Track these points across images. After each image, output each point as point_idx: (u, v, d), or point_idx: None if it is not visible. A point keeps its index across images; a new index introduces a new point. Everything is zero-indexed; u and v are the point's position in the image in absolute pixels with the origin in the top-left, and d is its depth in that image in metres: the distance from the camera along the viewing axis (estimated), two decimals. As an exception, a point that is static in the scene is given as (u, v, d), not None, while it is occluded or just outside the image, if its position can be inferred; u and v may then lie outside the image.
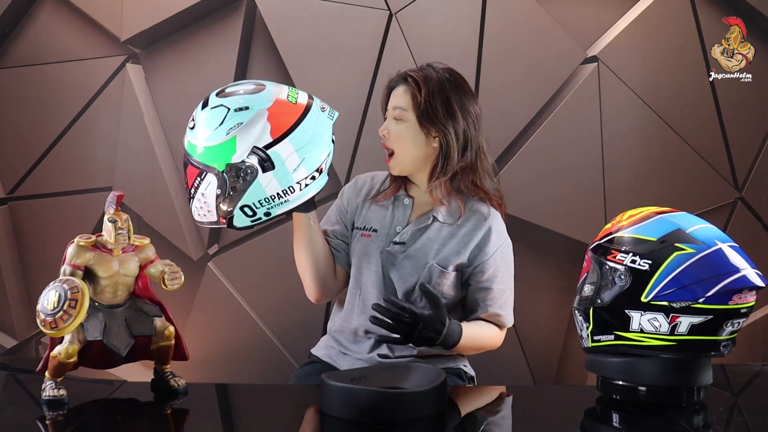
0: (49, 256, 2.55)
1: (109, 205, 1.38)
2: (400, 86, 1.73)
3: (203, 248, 2.66)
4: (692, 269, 1.33)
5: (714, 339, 1.34)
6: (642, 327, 1.36)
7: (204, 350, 2.61)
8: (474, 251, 1.72)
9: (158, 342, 1.42)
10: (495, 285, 1.73)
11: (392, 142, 1.72)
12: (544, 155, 2.64)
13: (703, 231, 1.38)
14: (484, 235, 1.72)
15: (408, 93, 1.71)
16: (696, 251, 1.34)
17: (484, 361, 1.91)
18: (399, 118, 1.71)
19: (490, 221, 1.73)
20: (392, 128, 1.71)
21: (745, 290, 1.32)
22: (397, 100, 1.72)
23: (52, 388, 1.36)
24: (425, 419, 1.29)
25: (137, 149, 2.63)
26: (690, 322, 1.33)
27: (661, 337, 1.35)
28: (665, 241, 1.36)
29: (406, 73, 1.73)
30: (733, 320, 1.33)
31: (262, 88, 1.52)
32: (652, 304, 1.34)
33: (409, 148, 1.71)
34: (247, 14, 2.60)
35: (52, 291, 1.31)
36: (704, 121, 2.70)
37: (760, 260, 2.73)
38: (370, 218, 1.78)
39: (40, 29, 2.61)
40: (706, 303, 1.31)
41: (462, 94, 1.72)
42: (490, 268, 1.72)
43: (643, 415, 1.36)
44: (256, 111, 1.47)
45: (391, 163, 1.73)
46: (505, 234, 1.77)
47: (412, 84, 1.70)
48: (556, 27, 2.62)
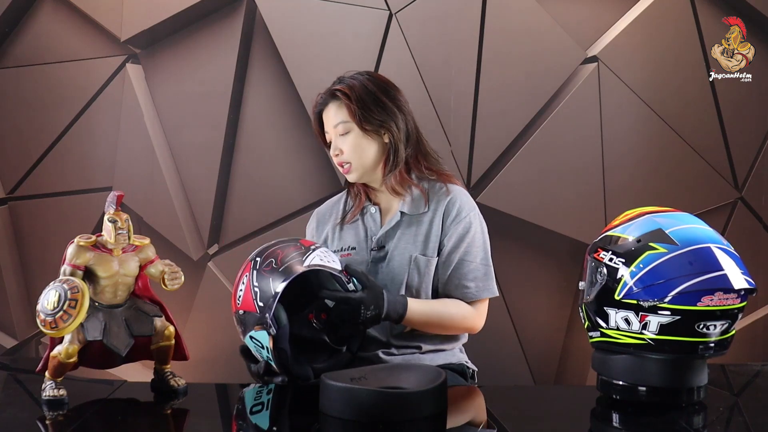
0: (49, 256, 2.55)
1: (109, 205, 1.38)
2: (331, 104, 1.74)
3: (203, 248, 2.66)
4: (659, 269, 1.33)
5: (692, 340, 1.33)
6: (618, 324, 1.38)
7: (204, 350, 2.61)
8: (442, 227, 1.74)
9: (158, 342, 1.42)
10: (456, 256, 1.72)
11: (348, 156, 1.73)
12: (544, 155, 2.64)
13: (685, 231, 1.37)
14: (446, 209, 1.74)
15: (342, 106, 1.73)
16: (667, 251, 1.34)
17: (484, 360, 1.91)
18: (343, 132, 1.73)
19: (451, 195, 1.76)
20: (342, 144, 1.73)
21: (718, 292, 1.31)
22: (334, 117, 1.74)
23: (52, 388, 1.36)
24: (425, 419, 1.29)
25: (137, 149, 2.63)
26: (659, 322, 1.33)
27: (633, 335, 1.36)
28: (641, 240, 1.37)
29: (330, 90, 1.75)
30: (707, 322, 1.32)
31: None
32: (623, 302, 1.36)
33: (366, 153, 1.74)
34: (247, 14, 2.60)
35: (52, 291, 1.31)
36: (704, 121, 2.70)
37: (759, 260, 2.75)
38: (345, 239, 1.80)
39: (40, 29, 2.61)
40: (671, 303, 1.31)
41: (388, 88, 1.75)
42: (452, 239, 1.72)
43: (643, 415, 1.36)
44: None
45: (351, 171, 1.75)
46: (469, 206, 1.76)
47: (342, 96, 1.72)
48: (556, 27, 2.62)
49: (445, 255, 1.73)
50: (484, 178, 2.63)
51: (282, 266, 1.50)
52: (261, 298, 1.49)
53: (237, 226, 2.66)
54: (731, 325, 1.35)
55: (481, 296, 1.74)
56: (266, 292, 1.48)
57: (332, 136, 1.75)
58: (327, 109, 1.75)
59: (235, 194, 2.64)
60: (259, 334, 1.48)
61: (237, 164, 2.64)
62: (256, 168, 2.64)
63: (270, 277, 1.49)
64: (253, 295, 1.49)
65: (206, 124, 2.62)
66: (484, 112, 2.65)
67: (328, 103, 1.75)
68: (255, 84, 2.62)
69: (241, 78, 2.61)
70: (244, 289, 1.52)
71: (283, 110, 2.63)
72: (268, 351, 1.48)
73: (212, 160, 2.63)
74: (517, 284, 2.67)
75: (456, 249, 1.72)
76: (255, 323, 1.48)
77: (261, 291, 1.49)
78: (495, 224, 1.86)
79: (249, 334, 1.50)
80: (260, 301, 1.48)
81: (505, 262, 2.63)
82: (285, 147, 2.62)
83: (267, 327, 1.46)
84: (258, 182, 2.63)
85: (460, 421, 1.39)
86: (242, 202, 2.66)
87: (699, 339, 1.33)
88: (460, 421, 1.39)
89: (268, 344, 1.47)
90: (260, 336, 1.48)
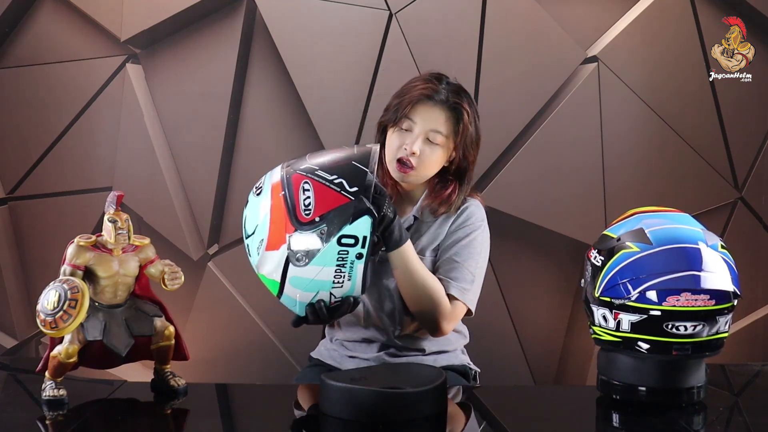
0: (49, 256, 2.55)
1: (109, 205, 1.38)
2: (441, 108, 1.68)
3: (203, 248, 2.66)
4: (628, 267, 1.35)
5: (665, 341, 1.32)
6: (599, 322, 1.40)
7: (204, 350, 2.61)
8: (447, 231, 1.73)
9: (158, 342, 1.42)
10: (447, 254, 1.71)
11: (419, 164, 1.67)
12: (544, 155, 2.64)
13: (666, 231, 1.37)
14: (456, 217, 1.74)
15: (450, 120, 1.68)
16: (639, 250, 1.35)
17: (484, 360, 1.91)
18: (434, 141, 1.67)
19: (464, 206, 1.75)
20: (425, 150, 1.67)
21: (685, 293, 1.31)
22: (436, 124, 1.67)
23: (52, 388, 1.36)
24: (425, 419, 1.29)
25: (137, 149, 2.63)
26: (629, 320, 1.34)
27: (610, 332, 1.38)
28: (620, 239, 1.39)
29: (452, 101, 1.68)
30: (675, 322, 1.32)
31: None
32: (601, 299, 1.39)
33: (433, 170, 1.71)
34: (247, 14, 2.60)
35: (52, 291, 1.31)
36: (704, 121, 2.70)
37: (759, 260, 2.75)
38: None
39: (40, 29, 2.61)
40: (637, 302, 1.33)
41: (478, 115, 1.74)
42: (449, 239, 1.72)
43: (643, 415, 1.36)
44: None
45: (409, 178, 1.69)
46: (479, 219, 1.75)
47: (459, 116, 1.68)
48: (556, 27, 2.62)
49: (438, 252, 1.73)
50: (484, 178, 2.62)
51: (346, 150, 1.39)
52: (352, 182, 1.34)
53: (237, 226, 2.65)
54: (710, 328, 1.33)
55: (453, 291, 1.66)
56: (356, 174, 1.34)
57: (417, 132, 1.67)
58: (433, 109, 1.68)
59: (235, 194, 2.64)
60: (355, 227, 1.32)
61: (237, 164, 2.64)
62: (256, 168, 2.63)
63: (344, 161, 1.36)
64: (337, 188, 1.34)
65: (206, 124, 2.62)
66: (484, 112, 2.60)
67: (439, 107, 1.68)
68: (255, 84, 2.62)
69: (241, 78, 2.61)
70: (313, 193, 1.34)
71: (283, 110, 2.63)
72: (366, 243, 1.33)
73: (212, 160, 2.63)
74: (517, 284, 2.67)
75: (450, 248, 1.71)
76: (352, 215, 1.32)
77: (347, 176, 1.34)
78: (495, 224, 1.85)
79: (337, 236, 1.32)
80: (352, 186, 1.34)
81: (505, 262, 2.63)
82: (285, 147, 2.62)
83: (369, 211, 1.33)
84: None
85: (460, 421, 1.39)
86: (242, 202, 2.63)
87: (672, 339, 1.33)
88: (460, 421, 1.39)
89: (368, 233, 1.33)
90: (358, 228, 1.32)
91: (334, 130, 2.61)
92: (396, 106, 1.69)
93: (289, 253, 1.35)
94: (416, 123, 1.67)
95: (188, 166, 2.64)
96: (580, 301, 2.65)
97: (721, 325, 1.34)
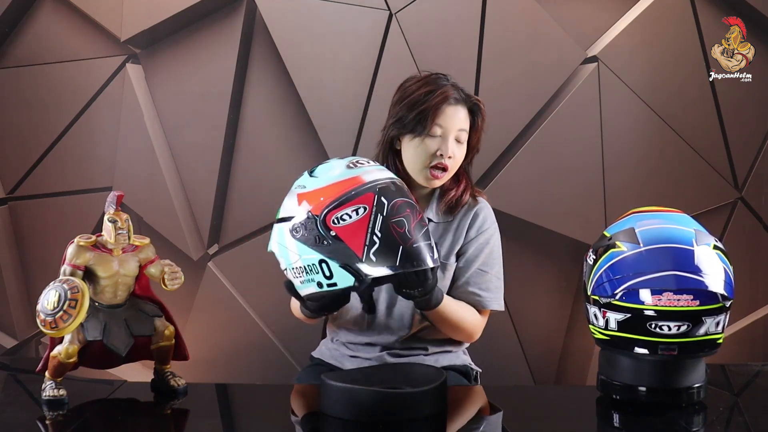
0: (49, 256, 2.55)
1: (109, 205, 1.38)
2: (462, 108, 1.71)
3: (203, 248, 2.66)
4: (614, 267, 1.36)
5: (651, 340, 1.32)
6: (592, 320, 1.41)
7: (204, 350, 2.61)
8: (465, 236, 1.76)
9: (158, 342, 1.42)
10: (474, 265, 1.74)
11: (454, 165, 1.72)
12: (544, 155, 2.64)
13: (656, 231, 1.37)
14: (471, 220, 1.77)
15: (469, 116, 1.73)
16: (626, 250, 1.36)
17: (484, 361, 1.91)
18: (460, 140, 1.72)
19: (477, 206, 1.79)
20: (457, 151, 1.71)
21: (667, 292, 1.31)
22: (463, 123, 1.71)
23: (52, 388, 1.36)
24: (425, 419, 1.29)
25: (137, 149, 2.63)
26: (615, 319, 1.35)
27: (601, 330, 1.39)
28: (611, 238, 1.40)
29: (472, 100, 1.74)
30: (658, 322, 1.31)
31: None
32: (591, 298, 1.40)
33: (458, 166, 1.76)
34: (247, 14, 2.60)
35: (52, 291, 1.32)
36: (704, 121, 2.70)
37: (759, 260, 2.74)
38: None
39: (40, 29, 2.61)
40: (620, 300, 1.34)
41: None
42: (472, 247, 1.75)
43: (643, 415, 1.36)
44: None
45: (441, 181, 1.73)
46: (491, 220, 1.80)
47: (477, 112, 1.74)
48: (556, 27, 2.62)
49: (463, 261, 1.75)
50: (484, 178, 2.62)
51: (410, 242, 1.31)
52: (373, 252, 1.30)
53: (237, 226, 2.66)
54: (696, 328, 1.32)
55: (491, 306, 1.76)
56: (381, 262, 1.30)
57: (448, 137, 1.69)
58: (456, 108, 1.70)
59: (235, 194, 2.64)
60: (339, 271, 1.31)
61: (237, 164, 2.64)
62: (256, 168, 2.64)
63: (393, 247, 1.30)
64: (366, 242, 1.30)
65: (206, 124, 2.62)
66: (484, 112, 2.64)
67: (461, 105, 1.71)
68: (255, 84, 2.62)
69: (241, 78, 2.61)
70: (356, 220, 1.31)
71: (283, 110, 2.63)
72: (330, 286, 1.33)
73: (212, 160, 2.63)
74: (517, 284, 2.66)
75: (476, 258, 1.75)
76: (346, 262, 1.30)
77: (379, 251, 1.30)
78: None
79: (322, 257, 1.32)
80: (386, 264, 1.30)
81: (505, 262, 2.61)
82: (285, 147, 2.62)
83: (357, 285, 1.31)
84: (258, 182, 2.63)
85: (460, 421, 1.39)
86: (242, 202, 2.65)
87: (657, 339, 1.32)
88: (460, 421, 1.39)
89: (341, 286, 1.32)
90: (339, 274, 1.31)
91: (334, 130, 2.61)
92: (418, 117, 1.68)
93: (297, 216, 1.37)
94: (444, 127, 1.70)
95: (188, 166, 2.64)
96: (580, 301, 2.65)
97: (709, 326, 1.32)
